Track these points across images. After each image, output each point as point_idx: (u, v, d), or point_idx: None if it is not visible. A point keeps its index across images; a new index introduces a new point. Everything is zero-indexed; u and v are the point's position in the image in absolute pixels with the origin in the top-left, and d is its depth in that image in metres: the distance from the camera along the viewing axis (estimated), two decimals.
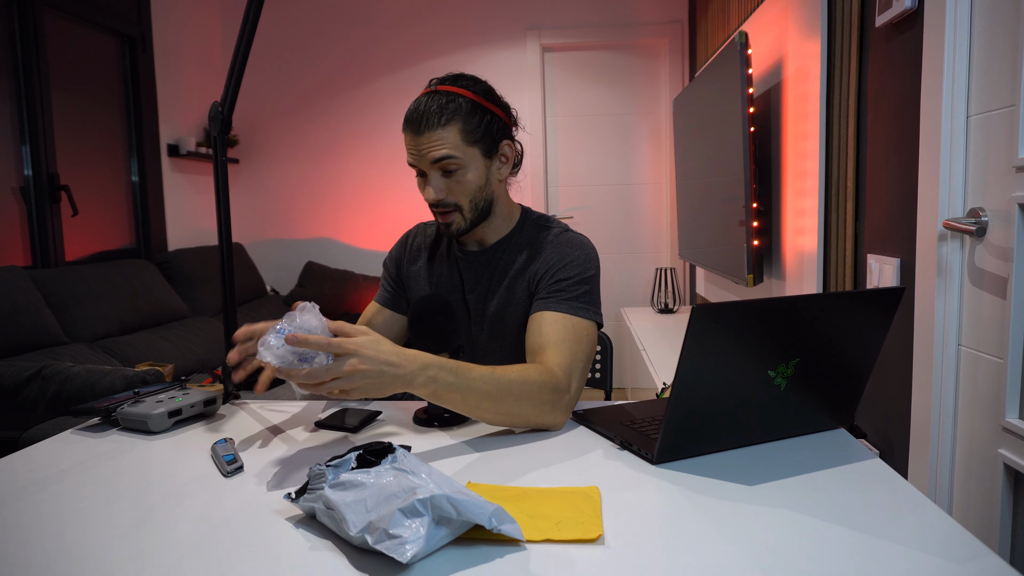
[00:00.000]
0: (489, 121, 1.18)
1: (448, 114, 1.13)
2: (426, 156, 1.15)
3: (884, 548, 0.66)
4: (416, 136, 1.14)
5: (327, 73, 4.18)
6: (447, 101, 1.14)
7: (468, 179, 1.17)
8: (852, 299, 0.93)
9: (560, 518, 0.73)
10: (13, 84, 2.81)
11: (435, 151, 1.14)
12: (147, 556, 0.68)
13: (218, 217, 1.24)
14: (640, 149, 4.19)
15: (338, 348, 0.88)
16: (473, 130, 1.16)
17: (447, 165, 1.15)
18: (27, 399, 1.89)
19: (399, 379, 0.91)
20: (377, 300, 1.37)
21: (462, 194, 1.18)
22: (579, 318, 1.14)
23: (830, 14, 1.79)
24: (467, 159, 1.16)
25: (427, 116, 1.13)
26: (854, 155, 1.67)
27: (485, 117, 1.17)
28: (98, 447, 1.02)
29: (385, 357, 0.90)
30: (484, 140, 1.17)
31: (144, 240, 3.54)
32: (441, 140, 1.13)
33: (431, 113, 1.13)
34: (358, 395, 0.89)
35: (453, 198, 1.18)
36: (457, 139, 1.14)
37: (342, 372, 0.87)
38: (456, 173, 1.16)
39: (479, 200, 1.20)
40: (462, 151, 1.15)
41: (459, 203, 1.19)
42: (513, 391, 0.98)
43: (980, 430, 1.23)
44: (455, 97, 1.15)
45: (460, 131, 1.14)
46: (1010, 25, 1.14)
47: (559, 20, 4.07)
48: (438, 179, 1.17)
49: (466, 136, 1.15)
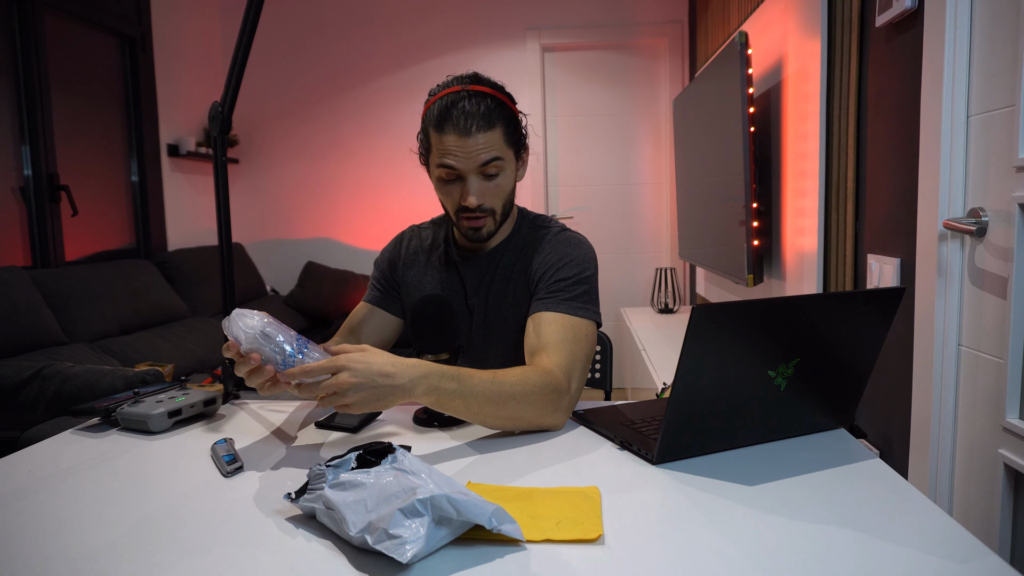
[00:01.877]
0: (518, 124, 1.18)
1: (495, 116, 1.12)
2: (475, 158, 1.12)
3: (884, 548, 0.66)
4: (463, 137, 1.11)
5: (327, 73, 4.18)
6: (490, 102, 1.12)
7: (504, 183, 1.17)
8: (852, 299, 0.93)
9: (560, 518, 0.73)
10: (13, 84, 2.81)
11: (484, 153, 1.12)
12: (147, 556, 0.68)
13: (218, 217, 1.24)
14: (640, 149, 4.19)
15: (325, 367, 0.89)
16: (512, 133, 1.16)
17: (492, 168, 1.13)
18: (27, 399, 1.89)
19: (397, 389, 0.90)
20: (368, 301, 1.35)
21: (498, 198, 1.17)
22: (578, 318, 1.14)
23: (830, 14, 1.79)
24: (507, 161, 1.16)
25: (474, 117, 1.10)
26: (854, 155, 1.67)
27: (516, 119, 1.18)
28: (98, 447, 1.02)
29: (377, 368, 0.90)
30: (517, 143, 1.18)
31: (144, 240, 3.55)
32: (490, 142, 1.12)
33: (479, 115, 1.10)
34: (358, 409, 0.90)
35: (490, 203, 1.17)
36: (502, 142, 1.14)
37: (334, 387, 0.88)
38: (496, 177, 1.15)
39: (508, 203, 1.20)
40: (505, 153, 1.15)
41: (494, 207, 1.17)
42: (515, 395, 0.98)
43: (980, 430, 1.23)
44: (494, 98, 1.13)
45: (503, 134, 1.14)
46: (1010, 25, 1.14)
47: (559, 20, 4.07)
48: (479, 183, 1.14)
49: (507, 139, 1.15)
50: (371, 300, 1.34)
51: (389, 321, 1.33)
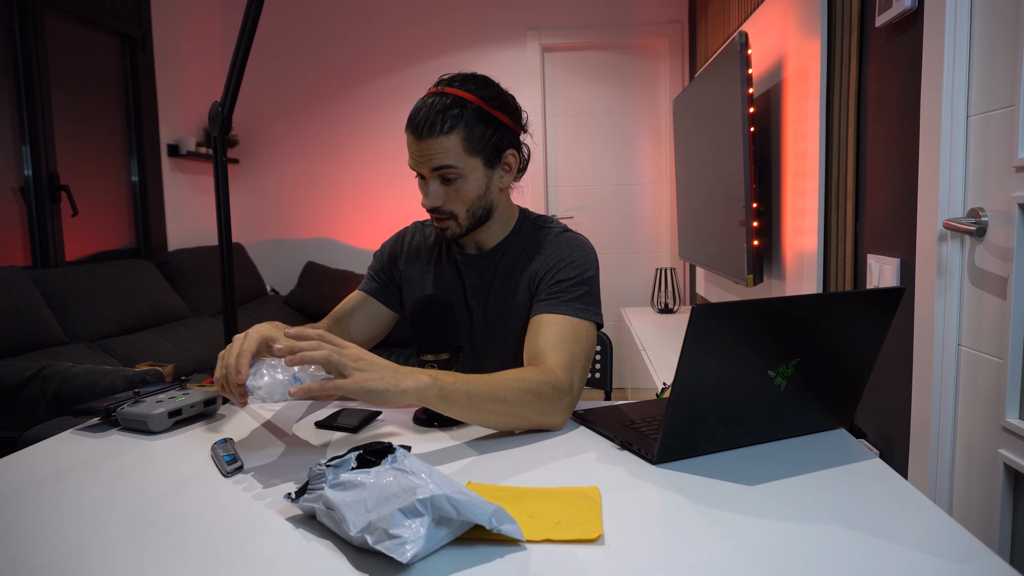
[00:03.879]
0: (495, 130, 1.14)
1: (452, 121, 1.10)
2: (427, 162, 1.12)
3: (884, 548, 0.66)
4: (417, 140, 1.11)
5: (327, 73, 4.18)
6: (452, 105, 1.10)
7: (467, 188, 1.15)
8: (852, 299, 0.93)
9: (560, 518, 0.73)
10: (13, 84, 2.81)
11: (436, 159, 1.11)
12: (147, 556, 0.68)
13: (218, 217, 1.24)
14: (640, 149, 4.19)
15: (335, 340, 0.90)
16: (476, 140, 1.13)
17: (446, 174, 1.13)
18: (27, 399, 1.89)
19: (400, 375, 0.90)
20: (363, 290, 1.33)
21: (459, 202, 1.16)
22: (578, 319, 1.14)
23: (830, 14, 1.79)
24: (467, 169, 1.13)
25: (430, 121, 1.10)
26: (854, 155, 1.67)
27: (491, 126, 1.14)
28: (98, 447, 1.02)
29: (384, 361, 0.92)
30: (487, 150, 1.14)
31: (144, 240, 3.55)
32: (442, 148, 1.11)
33: (434, 118, 1.09)
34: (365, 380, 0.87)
35: (450, 206, 1.16)
36: (459, 148, 1.11)
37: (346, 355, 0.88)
38: (455, 182, 1.14)
39: (477, 209, 1.18)
40: (463, 161, 1.12)
41: (455, 211, 1.17)
42: (515, 392, 0.98)
43: (980, 430, 1.23)
44: (461, 102, 1.11)
45: (463, 140, 1.11)
46: (1010, 25, 1.14)
47: (559, 20, 4.07)
48: (436, 186, 1.14)
49: (468, 145, 1.12)
50: (367, 290, 1.32)
51: (382, 313, 1.32)
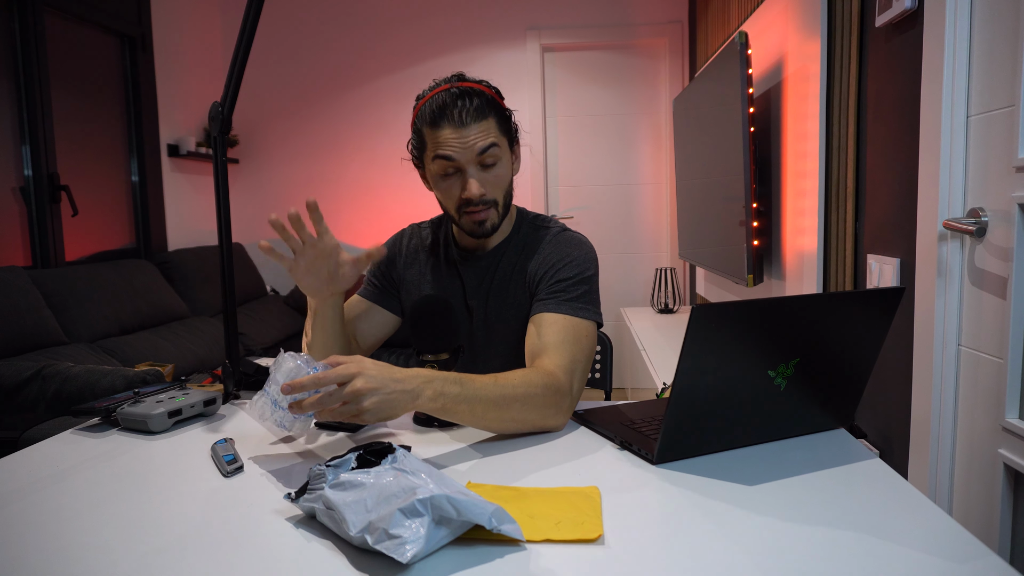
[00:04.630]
0: (509, 118, 1.21)
1: (487, 108, 1.15)
2: (472, 147, 1.13)
3: (884, 548, 0.66)
4: (459, 129, 1.13)
5: (327, 73, 4.18)
6: (479, 94, 1.15)
7: (502, 173, 1.18)
8: (852, 299, 0.93)
9: (560, 518, 0.73)
10: (13, 84, 2.81)
11: (481, 140, 1.14)
12: (147, 556, 0.68)
13: (218, 217, 1.24)
14: (640, 149, 4.19)
15: (336, 375, 0.87)
16: (504, 124, 1.18)
17: (490, 157, 1.15)
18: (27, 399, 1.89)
19: (406, 394, 0.89)
20: (364, 296, 1.33)
21: (498, 188, 1.18)
22: (579, 318, 1.14)
23: (830, 14, 1.79)
24: (503, 150, 1.18)
25: (467, 109, 1.13)
26: (854, 155, 1.67)
27: (507, 113, 1.20)
28: (98, 447, 1.02)
29: (389, 373, 0.89)
30: (510, 134, 1.20)
31: (144, 240, 3.55)
32: (485, 130, 1.14)
33: (471, 107, 1.13)
34: (372, 417, 0.88)
35: (492, 193, 1.18)
36: (496, 129, 1.16)
37: (350, 395, 0.86)
38: (494, 167, 1.17)
39: (508, 197, 1.22)
40: (501, 141, 1.17)
41: (495, 198, 1.18)
42: (518, 397, 0.98)
43: (980, 430, 1.23)
44: (483, 93, 1.16)
45: (496, 123, 1.16)
46: (1010, 25, 1.14)
47: (559, 20, 4.07)
48: (479, 173, 1.16)
49: (501, 127, 1.17)
50: (368, 296, 1.33)
51: (386, 318, 1.32)
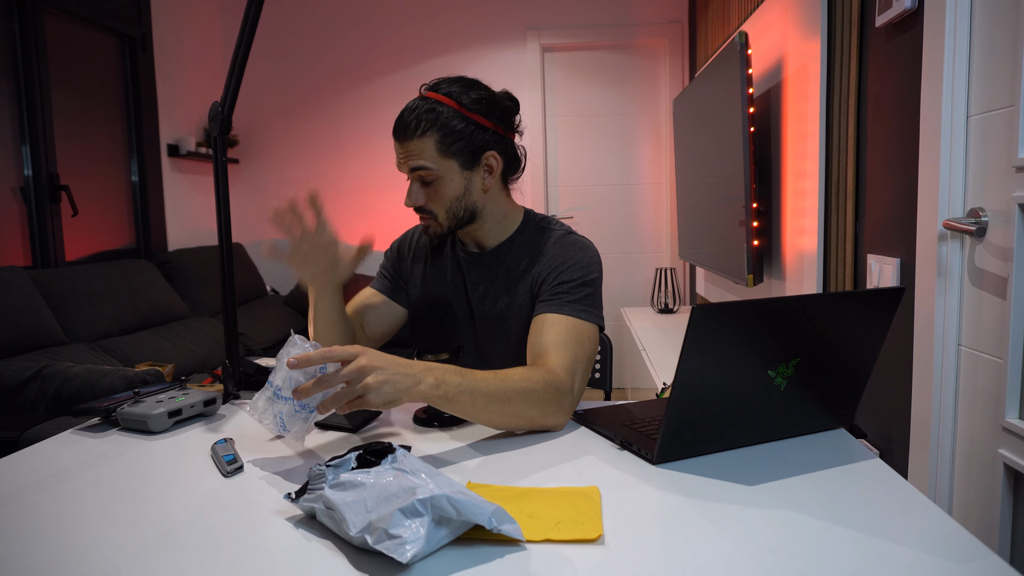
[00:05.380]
0: (472, 133, 1.16)
1: (426, 124, 1.14)
2: (405, 163, 1.17)
3: (884, 548, 0.66)
4: (400, 142, 1.17)
5: (327, 73, 4.18)
6: (427, 110, 1.15)
7: (444, 190, 1.18)
8: (852, 299, 0.93)
9: (560, 518, 0.73)
10: (13, 84, 2.81)
11: (412, 160, 1.16)
12: (147, 556, 0.68)
13: (218, 217, 1.24)
14: (640, 149, 4.19)
15: (343, 352, 0.87)
16: (451, 143, 1.15)
17: (423, 175, 1.17)
18: (27, 399, 1.89)
19: (409, 378, 0.90)
20: (375, 287, 1.37)
21: (438, 203, 1.19)
22: (581, 320, 1.14)
23: (830, 14, 1.79)
24: (443, 170, 1.16)
25: (406, 125, 1.15)
26: (854, 155, 1.67)
27: (468, 128, 1.16)
28: (98, 447, 1.02)
29: (393, 358, 0.90)
30: (463, 152, 1.17)
31: (144, 240, 3.55)
32: (417, 150, 1.15)
33: (410, 122, 1.15)
34: (374, 398, 0.87)
35: (430, 206, 1.20)
36: (433, 151, 1.15)
37: (354, 372, 0.86)
38: (433, 183, 1.18)
39: (457, 210, 1.20)
40: (437, 163, 1.16)
41: (435, 211, 1.20)
42: (519, 392, 0.98)
43: (980, 430, 1.23)
44: (437, 106, 1.15)
45: (436, 143, 1.15)
46: (1010, 25, 1.14)
47: (559, 20, 4.07)
48: (416, 187, 1.19)
49: (443, 148, 1.15)
50: (379, 288, 1.36)
51: (393, 311, 1.35)
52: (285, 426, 0.93)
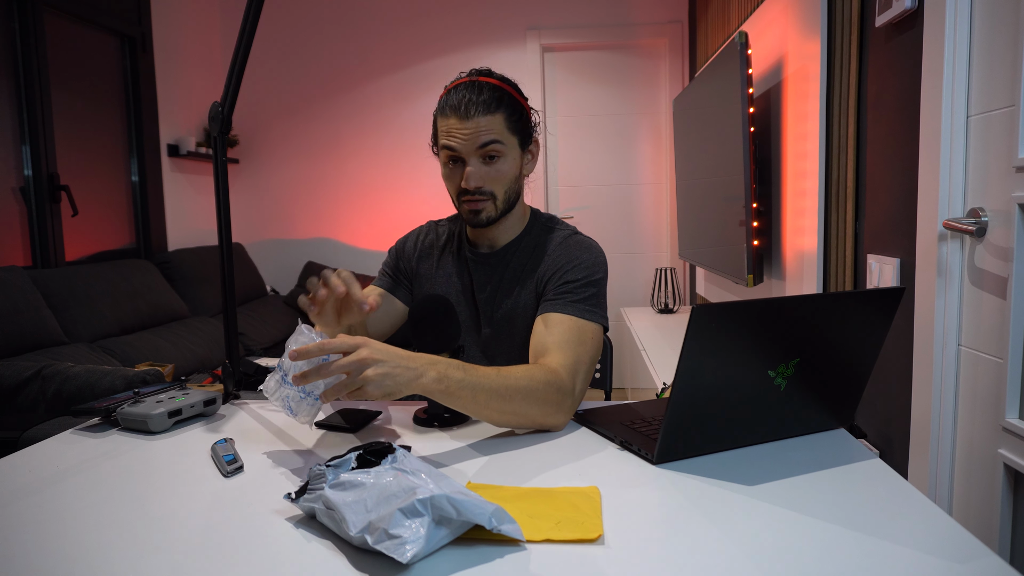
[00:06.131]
0: (526, 115, 1.22)
1: (496, 102, 1.17)
2: (472, 141, 1.16)
3: (884, 548, 0.66)
4: (463, 120, 1.16)
5: (327, 73, 4.18)
6: (494, 89, 1.18)
7: (506, 168, 1.20)
8: (852, 299, 0.93)
9: (560, 518, 0.73)
10: (13, 84, 2.81)
11: (483, 136, 1.16)
12: (147, 556, 0.68)
13: (218, 217, 1.24)
14: (640, 149, 4.19)
15: (343, 343, 0.87)
16: (515, 120, 1.19)
17: (491, 151, 1.17)
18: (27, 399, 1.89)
19: (410, 371, 0.90)
20: (379, 285, 1.36)
21: (499, 183, 1.20)
22: (585, 320, 1.15)
23: (830, 14, 1.79)
24: (508, 147, 1.19)
25: (475, 103, 1.16)
26: (854, 155, 1.67)
27: (523, 111, 1.22)
28: (98, 447, 1.02)
29: (395, 351, 0.90)
30: (522, 132, 1.22)
31: (144, 240, 3.55)
32: (489, 125, 1.16)
33: (479, 100, 1.16)
34: (374, 389, 0.86)
35: (490, 186, 1.20)
36: (503, 126, 1.17)
37: (355, 362, 0.86)
38: (497, 161, 1.18)
39: (511, 192, 1.22)
40: (506, 138, 1.18)
41: (495, 192, 1.20)
42: (520, 390, 0.98)
43: (980, 430, 1.23)
44: (499, 88, 1.19)
45: (505, 119, 1.18)
46: (1010, 25, 1.14)
47: (559, 20, 4.07)
48: (479, 165, 1.18)
49: (510, 124, 1.19)
50: (382, 285, 1.36)
51: (396, 309, 1.34)
52: (293, 410, 0.94)
